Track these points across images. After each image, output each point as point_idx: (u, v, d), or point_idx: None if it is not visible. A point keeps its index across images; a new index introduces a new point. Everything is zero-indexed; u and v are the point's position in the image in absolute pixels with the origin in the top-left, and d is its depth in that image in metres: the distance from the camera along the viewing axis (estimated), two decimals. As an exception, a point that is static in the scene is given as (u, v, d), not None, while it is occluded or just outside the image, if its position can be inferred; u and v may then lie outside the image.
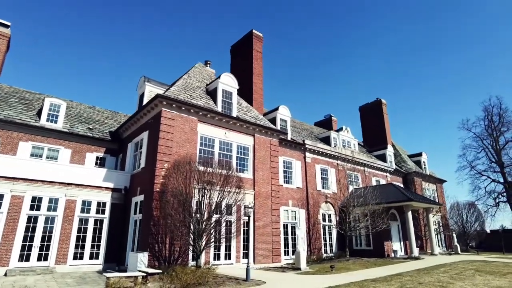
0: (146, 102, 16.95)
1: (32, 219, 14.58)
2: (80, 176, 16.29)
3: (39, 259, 14.38)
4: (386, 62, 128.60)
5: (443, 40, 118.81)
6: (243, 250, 16.57)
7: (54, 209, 15.19)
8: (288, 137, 23.19)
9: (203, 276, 11.27)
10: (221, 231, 14.35)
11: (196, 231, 13.07)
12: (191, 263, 14.08)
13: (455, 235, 31.78)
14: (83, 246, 15.57)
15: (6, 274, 13.10)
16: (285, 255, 19.72)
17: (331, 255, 22.53)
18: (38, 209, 14.84)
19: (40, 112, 18.50)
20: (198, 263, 13.24)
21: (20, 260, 13.94)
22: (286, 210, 21.44)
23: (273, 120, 23.14)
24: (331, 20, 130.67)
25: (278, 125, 22.89)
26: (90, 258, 15.65)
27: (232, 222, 15.08)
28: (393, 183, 28.36)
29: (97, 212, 16.41)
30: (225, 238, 15.37)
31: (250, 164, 18.57)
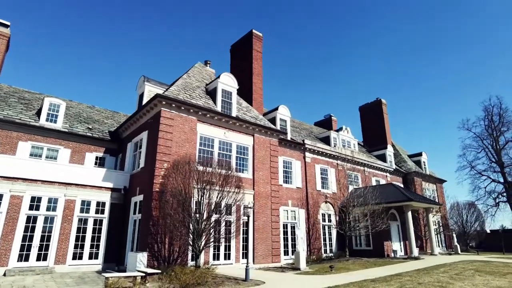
0: (146, 102, 16.93)
1: (32, 219, 14.57)
2: (80, 176, 16.28)
3: (39, 259, 14.37)
4: (386, 62, 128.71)
5: (443, 40, 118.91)
6: (243, 250, 16.54)
7: (54, 209, 15.19)
8: (288, 137, 23.18)
9: (202, 276, 11.26)
10: (221, 231, 14.30)
11: (196, 231, 13.05)
12: (191, 263, 14.06)
13: (455, 235, 31.77)
14: (83, 246, 15.56)
15: (5, 274, 13.09)
16: (285, 255, 19.70)
17: (331, 255, 22.50)
18: (38, 209, 14.83)
19: (40, 112, 18.49)
20: (198, 263, 13.23)
21: (19, 260, 13.92)
22: (286, 210, 21.43)
23: (273, 120, 23.12)
24: (331, 20, 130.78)
25: (278, 125, 22.87)
26: (90, 258, 15.64)
27: (232, 222, 15.08)
28: (393, 183, 28.34)
29: (97, 212, 16.40)
30: (225, 238, 15.35)
31: (250, 164, 18.55)
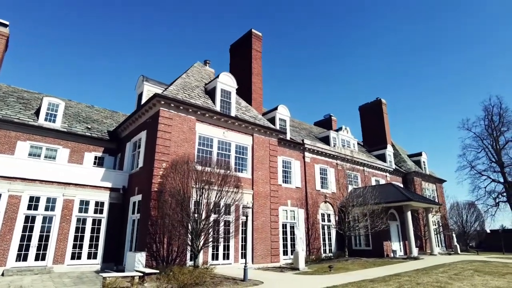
0: (144, 102, 16.89)
1: (30, 219, 14.54)
2: (78, 176, 16.25)
3: (37, 259, 14.34)
4: (386, 62, 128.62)
5: (443, 40, 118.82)
6: (242, 250, 16.50)
7: (52, 209, 15.15)
8: (287, 137, 23.14)
9: (201, 276, 11.24)
10: (219, 231, 14.25)
11: (194, 231, 13.02)
12: (189, 263, 14.02)
13: (455, 235, 31.72)
14: (81, 246, 15.53)
15: (3, 274, 13.06)
16: (284, 255, 19.67)
17: (330, 255, 22.46)
18: (36, 209, 14.80)
19: (39, 112, 18.46)
20: (196, 263, 13.20)
21: (18, 260, 13.89)
22: (285, 210, 21.39)
23: (272, 120, 23.09)
24: (331, 20, 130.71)
25: (277, 125, 22.83)
26: (88, 258, 15.62)
27: (231, 222, 15.03)
28: (393, 183, 28.30)
29: (95, 212, 16.37)
30: (223, 238, 15.26)
31: (249, 164, 18.52)
